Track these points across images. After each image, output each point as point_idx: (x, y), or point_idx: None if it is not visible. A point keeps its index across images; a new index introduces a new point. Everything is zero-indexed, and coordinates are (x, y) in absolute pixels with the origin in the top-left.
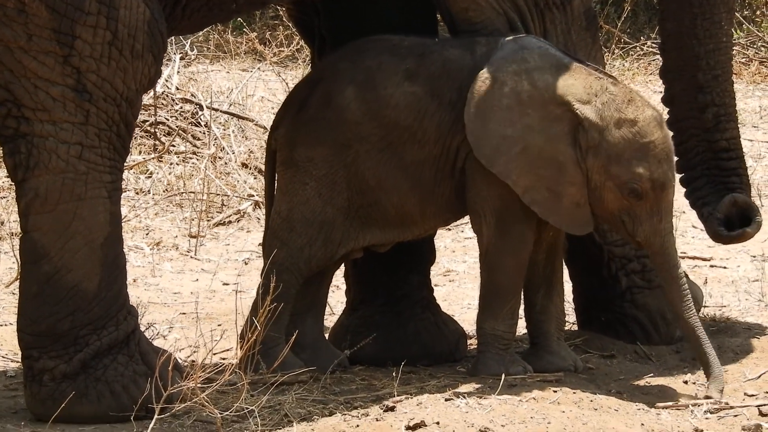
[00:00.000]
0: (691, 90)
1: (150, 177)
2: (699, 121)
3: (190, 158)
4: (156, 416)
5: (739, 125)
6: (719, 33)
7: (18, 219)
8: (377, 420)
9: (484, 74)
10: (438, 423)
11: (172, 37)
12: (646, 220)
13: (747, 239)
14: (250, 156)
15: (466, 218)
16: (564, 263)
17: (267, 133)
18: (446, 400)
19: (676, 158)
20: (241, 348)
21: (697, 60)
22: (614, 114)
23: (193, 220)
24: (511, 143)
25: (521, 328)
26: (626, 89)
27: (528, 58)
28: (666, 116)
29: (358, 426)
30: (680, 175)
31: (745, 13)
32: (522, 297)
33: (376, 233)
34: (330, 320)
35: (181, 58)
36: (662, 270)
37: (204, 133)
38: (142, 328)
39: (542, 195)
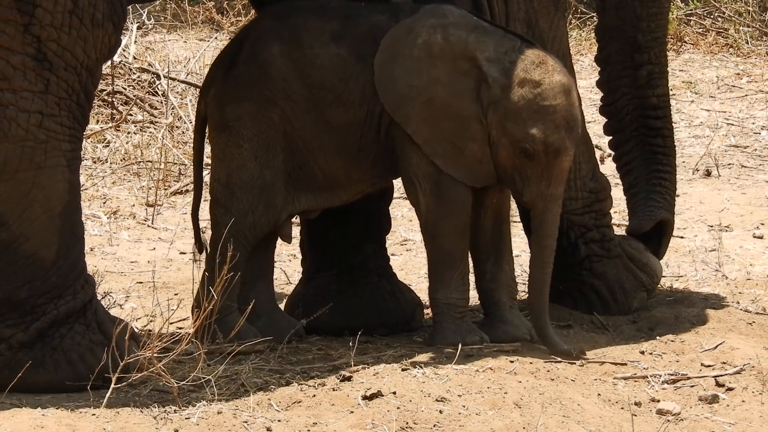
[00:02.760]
0: (627, 49)
1: (107, 146)
2: (632, 79)
3: (148, 127)
4: (112, 386)
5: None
6: None
7: None
8: (334, 390)
9: (401, 24)
10: (395, 393)
11: (130, 6)
12: (534, 183)
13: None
14: None
15: None
16: (523, 232)
17: None
18: (403, 370)
19: (607, 119)
20: (196, 318)
21: (638, 21)
22: (520, 74)
23: (150, 189)
24: (416, 93)
25: (474, 298)
26: (540, 54)
27: (448, 15)
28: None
29: (314, 396)
30: (609, 138)
31: None
32: (472, 266)
33: (309, 197)
34: (287, 290)
35: (139, 28)
36: (535, 235)
37: (161, 103)
38: (99, 297)
39: (444, 148)
